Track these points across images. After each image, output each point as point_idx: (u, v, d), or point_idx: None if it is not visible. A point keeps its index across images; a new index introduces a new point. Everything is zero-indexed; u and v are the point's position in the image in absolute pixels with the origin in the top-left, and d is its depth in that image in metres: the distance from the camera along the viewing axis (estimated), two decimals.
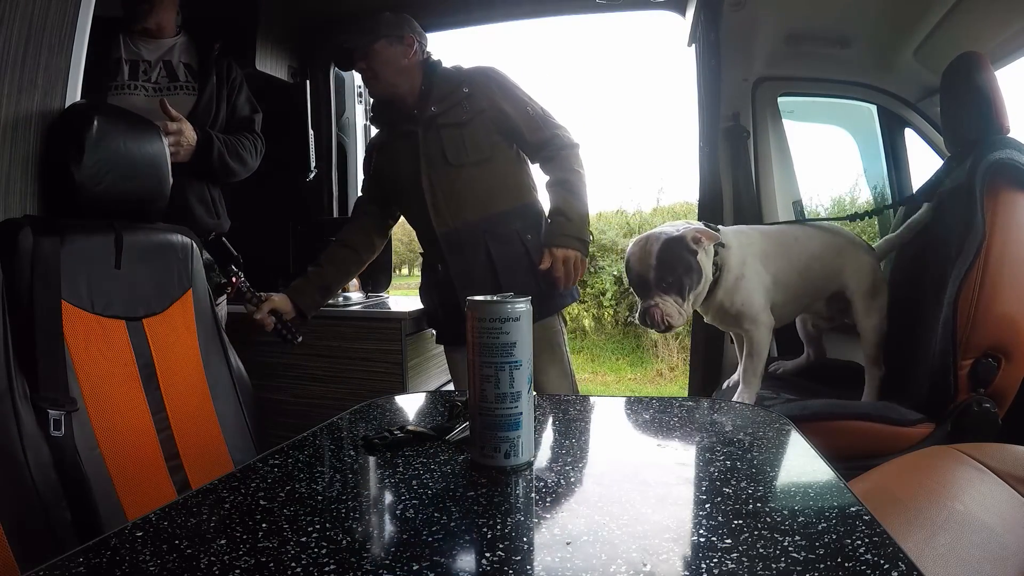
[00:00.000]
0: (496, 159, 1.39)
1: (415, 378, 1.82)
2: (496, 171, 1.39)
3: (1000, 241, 1.07)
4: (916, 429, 1.12)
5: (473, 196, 1.37)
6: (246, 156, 1.49)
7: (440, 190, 1.38)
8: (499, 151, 1.39)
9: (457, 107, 1.37)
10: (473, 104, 1.37)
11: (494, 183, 1.39)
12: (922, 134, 1.86)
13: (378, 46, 1.38)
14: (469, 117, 1.36)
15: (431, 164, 1.38)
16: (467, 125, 1.36)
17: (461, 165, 1.37)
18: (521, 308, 0.58)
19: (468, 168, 1.37)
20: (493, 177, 1.39)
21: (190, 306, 1.05)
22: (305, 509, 0.51)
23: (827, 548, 0.42)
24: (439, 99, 1.39)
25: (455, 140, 1.36)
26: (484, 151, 1.37)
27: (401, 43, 1.39)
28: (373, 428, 0.75)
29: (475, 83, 1.39)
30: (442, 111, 1.38)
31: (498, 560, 0.42)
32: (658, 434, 0.71)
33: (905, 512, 0.69)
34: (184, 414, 0.97)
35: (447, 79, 1.41)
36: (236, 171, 1.47)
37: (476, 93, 1.38)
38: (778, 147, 1.91)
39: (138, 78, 1.39)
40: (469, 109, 1.37)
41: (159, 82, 1.40)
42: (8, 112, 0.91)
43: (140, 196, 1.00)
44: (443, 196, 1.38)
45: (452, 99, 1.38)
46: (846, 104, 2.00)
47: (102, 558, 0.44)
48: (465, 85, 1.39)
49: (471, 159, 1.36)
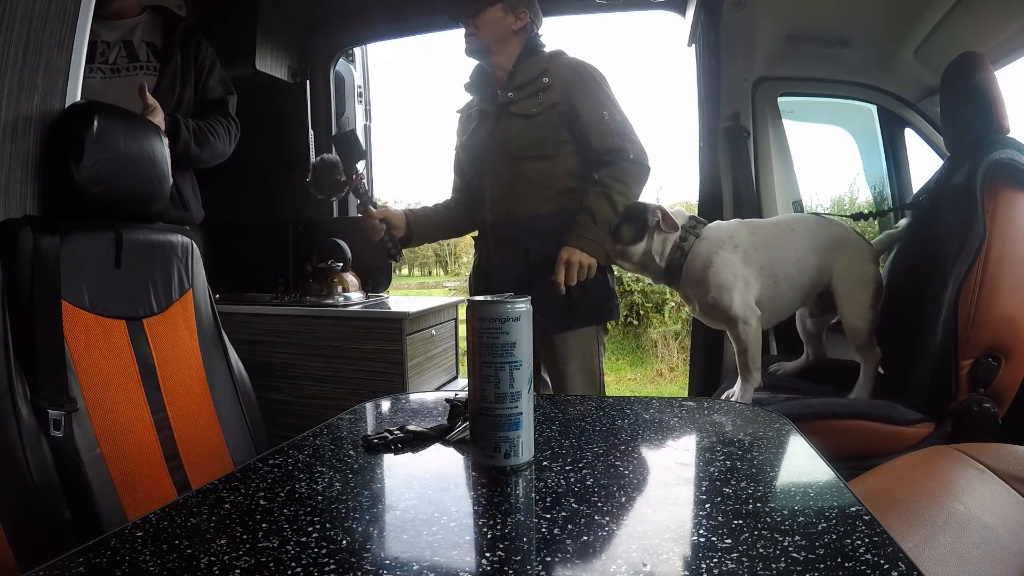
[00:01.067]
0: (556, 159, 1.36)
1: (415, 378, 1.82)
2: (553, 171, 1.37)
3: (1000, 241, 1.07)
4: (916, 429, 1.12)
5: (526, 192, 1.36)
6: (216, 142, 1.42)
7: (499, 181, 1.38)
8: (562, 151, 1.36)
9: (531, 98, 1.35)
10: (548, 97, 1.34)
11: (548, 183, 1.37)
12: (922, 134, 1.86)
13: (491, 11, 1.38)
14: (539, 111, 1.34)
15: (495, 153, 1.38)
16: (535, 119, 1.34)
17: (521, 159, 1.35)
18: (521, 308, 0.58)
19: (527, 163, 1.35)
20: (549, 177, 1.37)
21: (190, 306, 1.05)
22: (305, 509, 0.51)
23: (827, 548, 0.42)
24: (518, 85, 1.37)
25: (521, 133, 1.35)
26: (546, 148, 1.35)
27: (513, 13, 1.39)
28: (373, 428, 0.75)
29: (557, 75, 1.36)
30: (516, 100, 1.36)
31: (498, 560, 0.42)
32: (658, 434, 0.71)
33: (905, 512, 0.69)
34: (184, 414, 0.97)
35: (534, 65, 1.39)
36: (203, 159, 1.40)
37: (555, 85, 1.35)
38: (778, 147, 1.91)
39: (95, 60, 1.33)
40: (542, 102, 1.34)
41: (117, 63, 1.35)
42: (8, 112, 0.91)
43: (140, 196, 1.00)
44: (500, 187, 1.38)
45: (529, 88, 1.36)
46: (846, 104, 2.00)
47: (102, 558, 0.44)
48: (547, 75, 1.36)
49: (531, 154, 1.35)
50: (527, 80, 1.37)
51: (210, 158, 1.42)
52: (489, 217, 1.41)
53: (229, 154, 1.49)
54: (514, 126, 1.36)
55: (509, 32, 1.40)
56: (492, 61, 1.42)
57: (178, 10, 1.50)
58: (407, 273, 12.35)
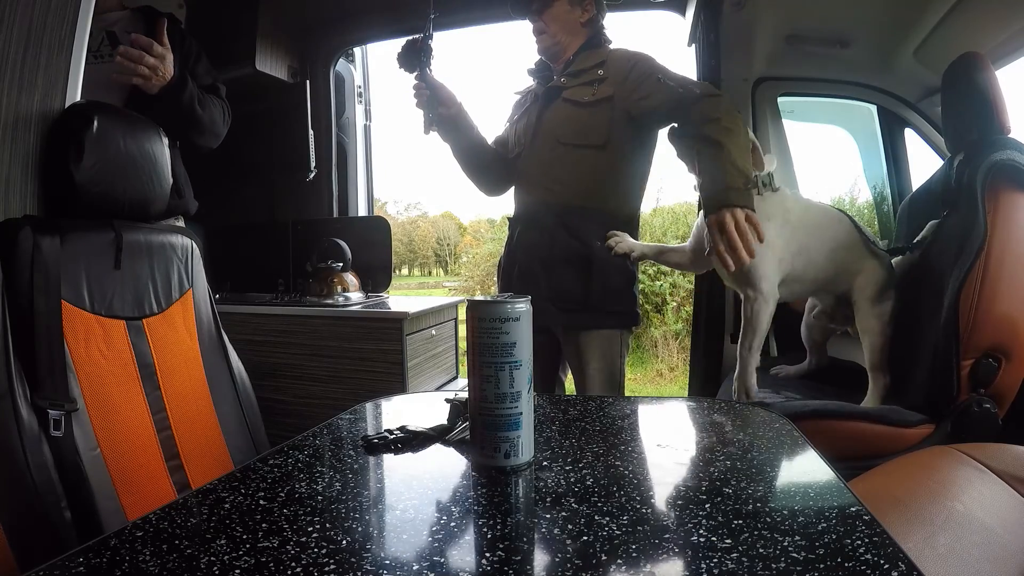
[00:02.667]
0: (602, 152, 1.33)
1: (415, 378, 1.82)
2: (596, 163, 1.33)
3: (1000, 241, 1.07)
4: (916, 429, 1.12)
5: (564, 179, 1.34)
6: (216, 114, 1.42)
7: (540, 162, 1.36)
8: (609, 146, 1.32)
9: (585, 87, 1.33)
10: (602, 89, 1.31)
11: (588, 174, 1.33)
12: (922, 134, 1.86)
13: (558, 4, 1.36)
14: (592, 100, 1.31)
15: (542, 135, 1.36)
16: (586, 107, 1.32)
17: (567, 145, 1.33)
18: (521, 308, 0.58)
19: (572, 150, 1.33)
20: (590, 168, 1.33)
21: (190, 306, 1.05)
22: (305, 509, 0.51)
23: (827, 548, 0.42)
24: (573, 72, 1.36)
25: (570, 119, 1.33)
26: (591, 138, 1.32)
27: (580, 5, 1.38)
28: (373, 428, 0.75)
29: (612, 67, 1.33)
30: (569, 85, 1.35)
31: (498, 560, 0.42)
32: (658, 434, 0.71)
33: (905, 512, 0.69)
34: (184, 414, 0.98)
35: (592, 56, 1.37)
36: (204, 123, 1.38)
37: (610, 78, 1.31)
38: (778, 147, 1.91)
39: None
40: (596, 92, 1.32)
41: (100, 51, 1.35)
42: (8, 112, 0.91)
43: (140, 196, 1.00)
44: (540, 169, 1.37)
45: (584, 76, 1.34)
46: (846, 104, 2.00)
47: (102, 558, 0.44)
48: (603, 67, 1.33)
49: (576, 142, 1.33)
50: (583, 68, 1.35)
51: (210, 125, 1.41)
52: (523, 197, 1.40)
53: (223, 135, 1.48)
54: (564, 111, 1.34)
55: (577, 25, 1.38)
56: (556, 53, 1.40)
57: (178, 10, 1.49)
58: (407, 273, 12.35)
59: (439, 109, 1.39)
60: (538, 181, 1.38)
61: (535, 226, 1.38)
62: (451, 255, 12.48)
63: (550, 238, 1.34)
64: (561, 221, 1.33)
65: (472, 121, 1.45)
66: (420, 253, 12.57)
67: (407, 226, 12.66)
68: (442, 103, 1.39)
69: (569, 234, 1.32)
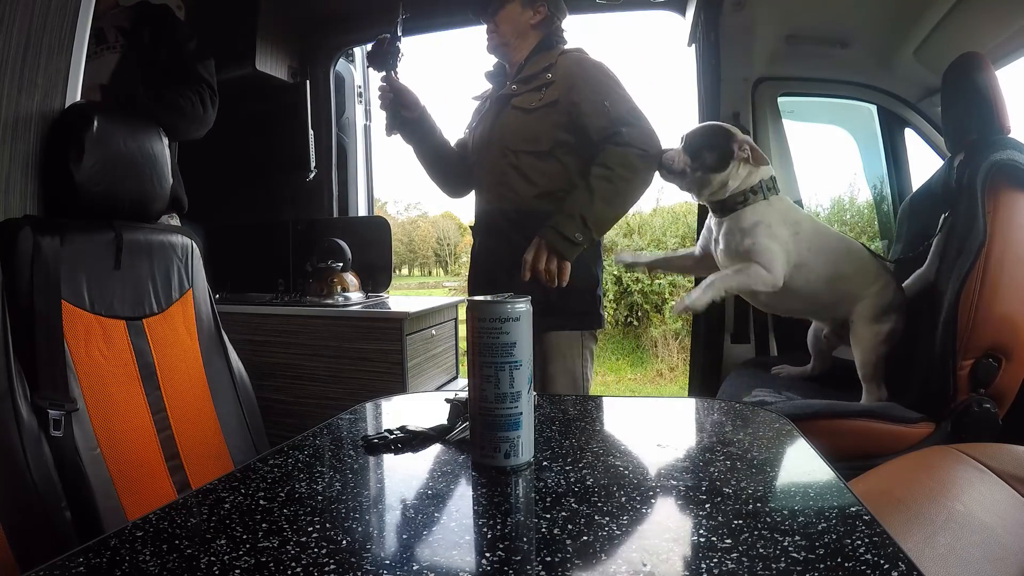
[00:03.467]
0: (550, 157, 1.33)
1: (415, 378, 1.82)
2: (546, 169, 1.33)
3: (1000, 241, 1.07)
4: (916, 429, 1.12)
5: (515, 185, 1.35)
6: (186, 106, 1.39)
7: (493, 170, 1.37)
8: (558, 150, 1.33)
9: (533, 92, 1.33)
10: (549, 93, 1.31)
11: (539, 179, 1.34)
12: (922, 134, 1.86)
13: (510, 6, 1.37)
14: (538, 106, 1.32)
15: (492, 142, 1.37)
16: (533, 113, 1.33)
17: (516, 151, 1.34)
18: (521, 308, 0.58)
19: (522, 156, 1.34)
20: (540, 173, 1.34)
21: (190, 306, 1.05)
22: (305, 509, 0.51)
23: (827, 548, 0.42)
24: (522, 79, 1.36)
25: (518, 125, 1.34)
26: (540, 144, 1.32)
27: (531, 7, 1.38)
28: (373, 428, 0.75)
29: (561, 72, 1.32)
30: (519, 92, 1.35)
31: (498, 560, 0.42)
32: (658, 434, 0.71)
33: (905, 512, 0.69)
34: (184, 414, 0.97)
35: (541, 60, 1.36)
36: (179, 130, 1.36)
37: (558, 82, 1.31)
38: (778, 147, 1.91)
39: None
40: (543, 98, 1.32)
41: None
42: (8, 112, 0.91)
43: (140, 196, 1.00)
44: (493, 176, 1.38)
45: (533, 82, 1.34)
46: (846, 104, 2.01)
47: (102, 558, 0.44)
48: (552, 71, 1.33)
49: (525, 148, 1.33)
50: (532, 74, 1.36)
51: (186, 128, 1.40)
52: (481, 205, 1.43)
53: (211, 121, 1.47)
54: (513, 118, 1.35)
55: (527, 27, 1.39)
56: (510, 57, 1.41)
57: (177, 11, 1.50)
58: (407, 273, 12.35)
59: (402, 112, 1.40)
60: (492, 189, 1.39)
61: (492, 233, 1.39)
62: (451, 255, 12.48)
63: (507, 244, 1.35)
64: (516, 225, 1.34)
65: (435, 124, 1.46)
66: (420, 253, 12.57)
67: (407, 226, 12.67)
68: (405, 106, 1.40)
69: (524, 239, 1.31)
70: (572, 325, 1.36)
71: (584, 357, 1.39)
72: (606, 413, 0.79)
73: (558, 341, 1.36)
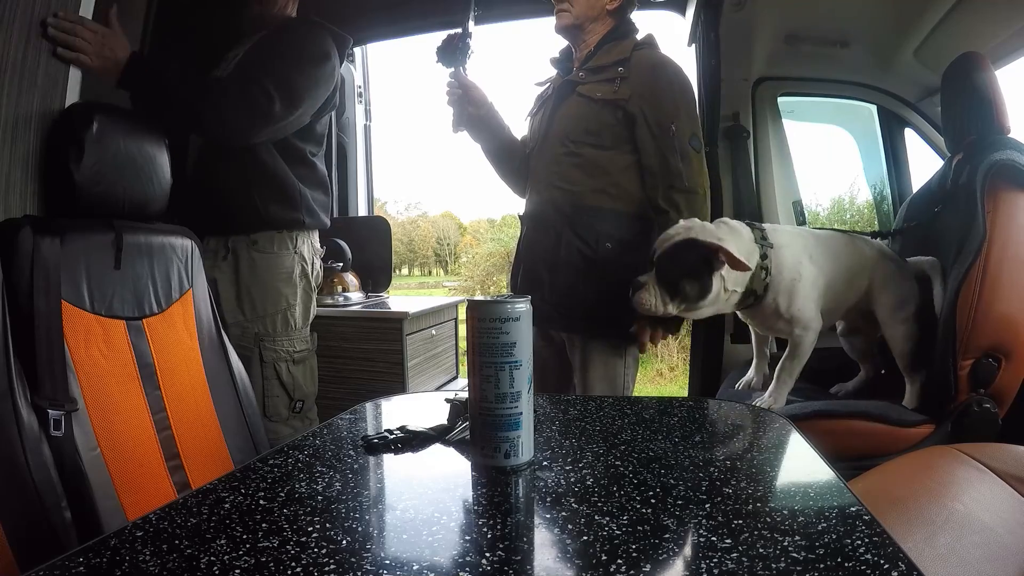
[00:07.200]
0: (614, 152, 1.26)
1: (415, 378, 1.82)
2: (607, 164, 1.27)
3: (1000, 241, 1.07)
4: (916, 429, 1.12)
5: (574, 178, 1.29)
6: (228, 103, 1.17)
7: (551, 159, 1.32)
8: (621, 147, 1.26)
9: (603, 83, 1.26)
10: (621, 90, 1.24)
11: (599, 174, 1.27)
12: (922, 134, 1.86)
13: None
14: (606, 99, 1.25)
15: (554, 130, 1.32)
16: (599, 104, 1.25)
17: (576, 142, 1.28)
18: (521, 308, 0.58)
19: (582, 147, 1.28)
20: (601, 168, 1.27)
21: (190, 306, 1.05)
22: (305, 509, 0.51)
23: (827, 548, 0.42)
24: (592, 67, 1.28)
25: (582, 115, 1.28)
26: (604, 138, 1.26)
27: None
28: (373, 428, 0.75)
29: (636, 70, 1.25)
30: (586, 80, 1.28)
31: (498, 560, 0.42)
32: (658, 434, 0.71)
33: (905, 512, 0.69)
34: (184, 414, 0.98)
35: (614, 50, 1.28)
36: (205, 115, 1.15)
37: (631, 80, 1.24)
38: (778, 147, 1.91)
39: None
40: (615, 90, 1.24)
41: None
42: (8, 112, 0.91)
43: (140, 196, 1.00)
44: (550, 166, 1.32)
45: (603, 73, 1.27)
46: (846, 104, 2.00)
47: (102, 558, 0.44)
48: (625, 65, 1.25)
49: (588, 140, 1.27)
50: (603, 64, 1.29)
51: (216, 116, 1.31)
52: (532, 195, 1.37)
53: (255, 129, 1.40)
54: (577, 106, 1.29)
55: (603, 10, 1.31)
56: (581, 40, 1.34)
57: None
58: (407, 273, 12.36)
59: (469, 109, 1.37)
60: (547, 179, 1.33)
61: (541, 226, 1.33)
62: (451, 255, 12.48)
63: (556, 239, 1.29)
64: (568, 222, 1.28)
65: (503, 121, 1.42)
66: (420, 253, 12.58)
67: (407, 226, 12.67)
68: (472, 103, 1.37)
69: (576, 236, 1.27)
70: (616, 333, 1.30)
71: (627, 364, 1.33)
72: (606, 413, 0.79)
73: (602, 349, 1.31)
